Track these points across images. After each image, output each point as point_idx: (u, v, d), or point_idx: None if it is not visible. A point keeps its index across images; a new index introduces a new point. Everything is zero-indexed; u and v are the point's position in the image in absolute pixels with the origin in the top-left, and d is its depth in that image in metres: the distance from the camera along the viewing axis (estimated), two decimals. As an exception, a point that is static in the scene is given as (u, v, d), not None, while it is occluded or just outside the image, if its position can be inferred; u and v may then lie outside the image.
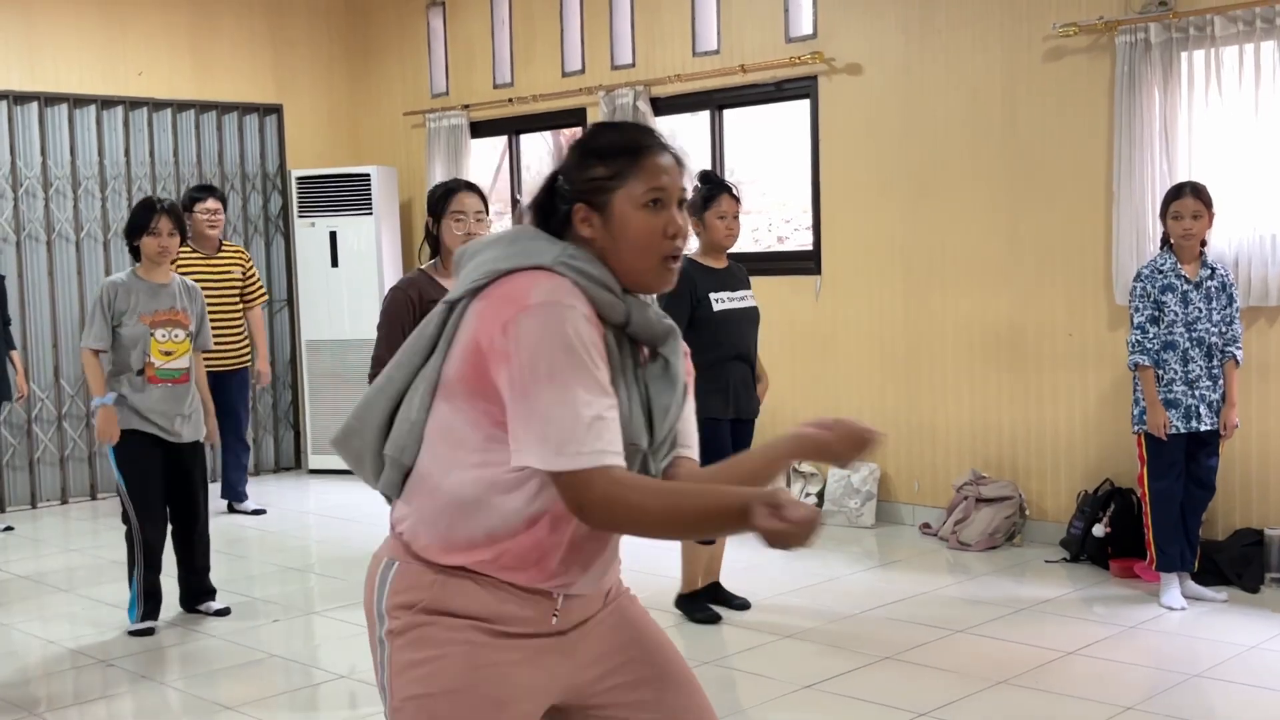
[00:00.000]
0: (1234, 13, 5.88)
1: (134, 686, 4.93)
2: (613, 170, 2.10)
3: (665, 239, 2.11)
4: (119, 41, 8.81)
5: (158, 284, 5.50)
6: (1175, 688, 4.56)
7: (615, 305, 2.09)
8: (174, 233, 5.50)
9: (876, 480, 7.28)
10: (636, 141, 2.14)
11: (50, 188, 8.54)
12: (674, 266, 2.14)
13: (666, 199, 2.11)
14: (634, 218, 2.09)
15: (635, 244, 2.10)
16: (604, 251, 2.12)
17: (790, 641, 5.22)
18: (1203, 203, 5.45)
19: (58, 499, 8.60)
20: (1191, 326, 5.42)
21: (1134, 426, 5.57)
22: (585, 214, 2.12)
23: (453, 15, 9.32)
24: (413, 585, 2.11)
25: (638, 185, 2.10)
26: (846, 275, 7.42)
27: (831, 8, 7.36)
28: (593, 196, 2.11)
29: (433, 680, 2.09)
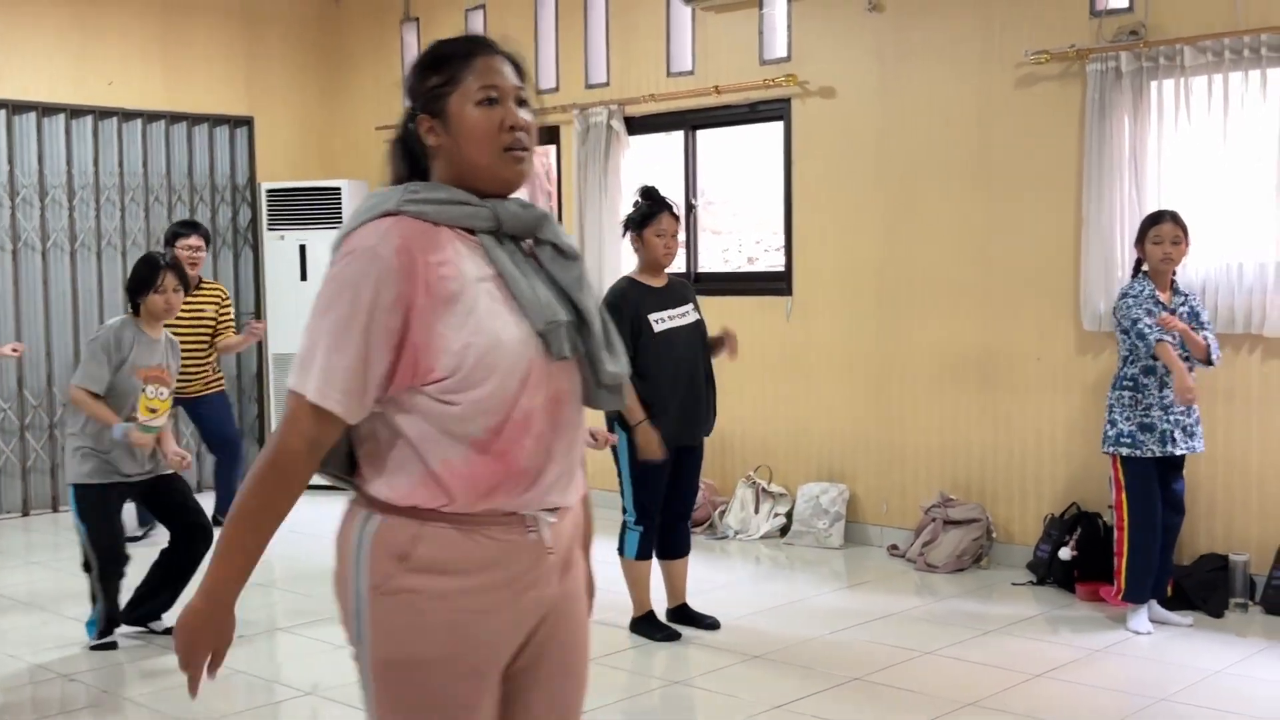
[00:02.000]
0: (1203, 43, 5.94)
1: (95, 702, 4.88)
2: (446, 76, 2.18)
3: (503, 131, 2.16)
4: (89, 50, 8.76)
5: (153, 339, 5.46)
6: (1142, 711, 4.58)
7: (477, 213, 2.15)
8: (179, 288, 5.48)
9: (845, 501, 7.29)
10: (466, 47, 2.22)
11: (17, 196, 8.47)
12: (519, 156, 2.17)
13: (501, 95, 2.17)
14: (470, 115, 2.15)
15: (474, 139, 2.15)
16: (450, 155, 2.18)
17: (757, 662, 5.22)
18: (1181, 229, 5.49)
19: (19, 511, 8.51)
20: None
21: (1106, 447, 5.57)
22: (429, 123, 2.19)
23: (426, 31, 9.32)
24: (393, 540, 2.11)
25: (471, 85, 2.16)
26: (817, 297, 7.45)
27: (806, 31, 7.40)
28: (432, 104, 2.18)
29: (412, 645, 2.10)
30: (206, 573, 2.14)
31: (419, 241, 2.07)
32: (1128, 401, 5.47)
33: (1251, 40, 5.81)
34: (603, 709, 4.68)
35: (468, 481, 2.08)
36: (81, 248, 8.69)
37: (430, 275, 2.06)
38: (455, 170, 2.18)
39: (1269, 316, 5.84)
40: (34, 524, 8.35)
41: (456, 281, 2.07)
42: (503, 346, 2.08)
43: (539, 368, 2.12)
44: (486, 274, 2.12)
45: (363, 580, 2.12)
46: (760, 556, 7.15)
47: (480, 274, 2.11)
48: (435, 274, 2.06)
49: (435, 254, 2.08)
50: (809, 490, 7.39)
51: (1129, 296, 5.50)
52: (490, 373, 2.07)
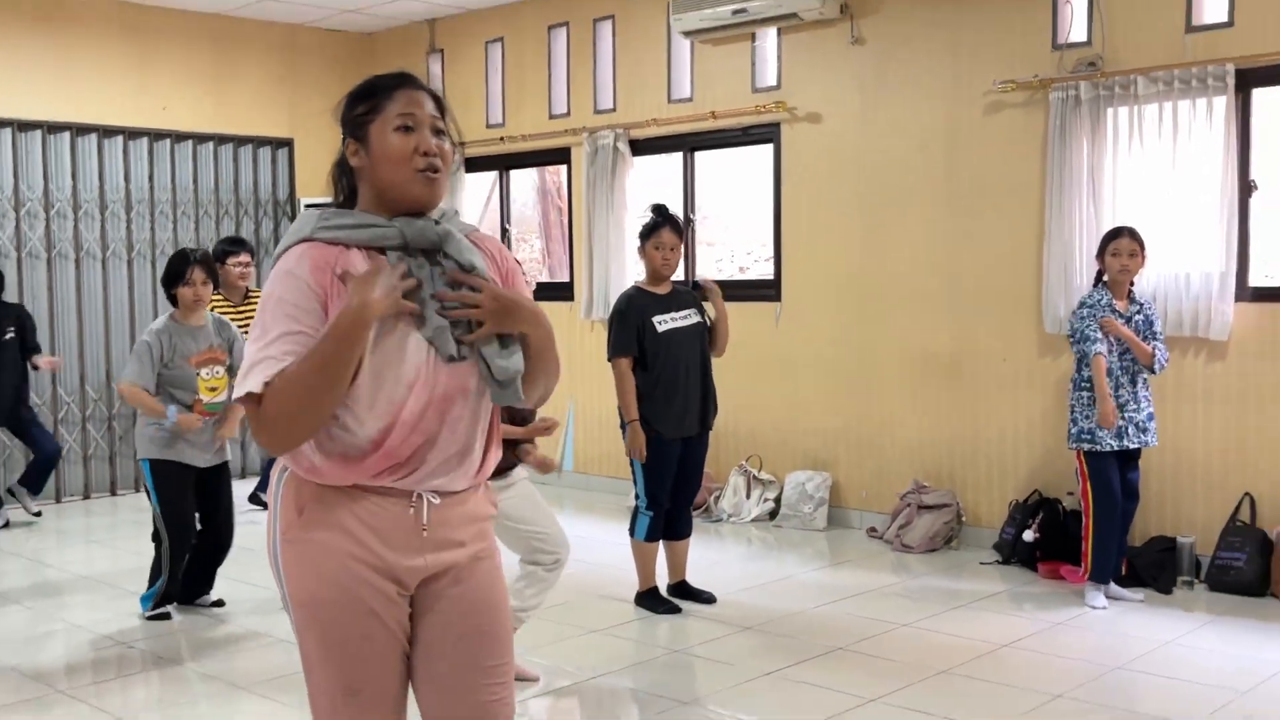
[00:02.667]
0: (1155, 73, 5.92)
1: (149, 667, 4.85)
2: (370, 105, 2.24)
3: (416, 155, 2.20)
4: (146, 78, 8.74)
5: (195, 327, 5.42)
6: (1099, 678, 4.56)
7: (384, 234, 2.20)
8: (207, 281, 5.43)
9: (828, 488, 7.26)
10: (391, 82, 2.27)
11: (79, 210, 8.45)
12: (432, 178, 2.21)
13: (417, 124, 2.21)
14: (388, 140, 2.20)
15: (389, 161, 2.19)
16: (370, 176, 2.23)
17: (749, 633, 5.19)
18: (1138, 244, 5.47)
19: (80, 494, 8.49)
20: (1122, 355, 5.43)
21: (1071, 443, 5.53)
22: (354, 147, 2.25)
23: (450, 62, 9.29)
24: (298, 495, 2.23)
25: (391, 113, 2.21)
26: (804, 303, 7.42)
27: (794, 62, 7.38)
28: (357, 130, 2.24)
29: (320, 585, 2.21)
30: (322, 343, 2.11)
31: (328, 263, 2.16)
32: (1086, 401, 5.44)
33: (1199, 71, 5.79)
34: (611, 674, 4.66)
35: (353, 465, 2.18)
36: (138, 256, 8.67)
37: (336, 292, 2.15)
38: (374, 189, 2.24)
39: (1214, 321, 5.82)
40: (94, 507, 8.32)
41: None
42: (392, 356, 2.16)
43: (428, 371, 2.19)
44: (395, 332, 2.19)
45: (276, 529, 2.26)
46: (751, 538, 7.13)
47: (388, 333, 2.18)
48: (339, 291, 2.15)
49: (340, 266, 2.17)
50: (796, 478, 7.37)
51: (1084, 307, 5.48)
52: (380, 384, 2.16)
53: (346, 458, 2.18)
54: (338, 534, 2.20)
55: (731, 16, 7.22)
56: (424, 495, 2.23)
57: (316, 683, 2.28)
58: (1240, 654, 4.82)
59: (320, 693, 2.28)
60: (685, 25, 7.45)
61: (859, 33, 7.07)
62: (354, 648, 2.23)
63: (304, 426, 2.11)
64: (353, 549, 2.20)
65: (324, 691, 2.27)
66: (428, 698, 2.34)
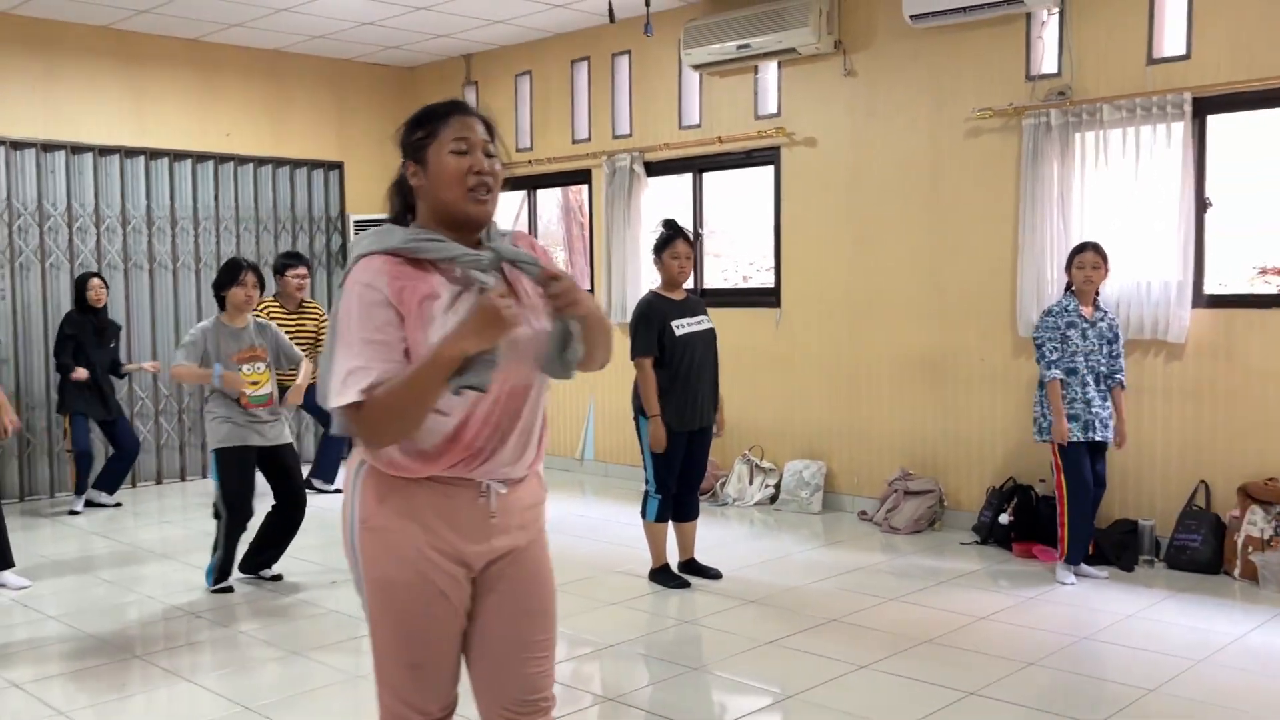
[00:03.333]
0: (1119, 101, 5.89)
1: (214, 635, 4.88)
2: (427, 130, 2.20)
3: (470, 174, 2.16)
4: (212, 108, 8.78)
5: (238, 328, 5.45)
6: (1068, 647, 4.54)
7: (443, 246, 2.15)
8: (256, 285, 5.46)
9: (823, 475, 7.25)
10: (445, 108, 2.22)
11: (153, 225, 8.49)
12: (484, 197, 2.18)
13: (470, 146, 2.17)
14: (444, 162, 2.16)
15: (444, 180, 2.16)
16: (428, 195, 2.19)
17: (752, 606, 5.19)
18: (1101, 257, 5.45)
19: (154, 480, 8.54)
20: (1088, 357, 5.41)
21: (1041, 437, 5.50)
22: (413, 168, 2.21)
23: (484, 92, 9.31)
24: (375, 485, 2.20)
25: (447, 137, 2.17)
26: (801, 309, 7.41)
27: (793, 92, 7.37)
28: (416, 153, 2.20)
29: (392, 567, 2.19)
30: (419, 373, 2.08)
31: (406, 277, 2.13)
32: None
33: (1159, 99, 5.76)
34: (626, 643, 4.66)
35: (431, 460, 2.17)
36: (204, 267, 8.70)
37: (412, 302, 2.11)
38: (432, 207, 2.20)
39: (1171, 326, 5.79)
40: (166, 491, 8.36)
41: (435, 308, 2.12)
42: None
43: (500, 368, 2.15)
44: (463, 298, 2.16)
45: (354, 517, 2.23)
46: (754, 520, 7.12)
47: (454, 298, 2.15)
48: (416, 302, 2.12)
49: (419, 286, 2.13)
50: (794, 466, 7.35)
51: (1049, 316, 5.45)
52: None
53: (424, 453, 2.16)
54: (414, 523, 2.18)
55: (736, 51, 7.22)
56: (492, 485, 2.22)
57: (383, 656, 2.26)
58: (1196, 626, 4.79)
59: (386, 664, 2.26)
60: (694, 59, 7.46)
61: (851, 66, 7.05)
62: (422, 625, 2.22)
63: (403, 433, 2.10)
64: (427, 536, 2.18)
65: (390, 664, 2.26)
66: (481, 669, 2.33)
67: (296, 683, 4.26)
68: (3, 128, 7.82)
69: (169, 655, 4.60)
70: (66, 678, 4.32)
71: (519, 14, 8.01)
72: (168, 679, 4.31)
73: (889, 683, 4.16)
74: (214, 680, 4.29)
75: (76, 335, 7.29)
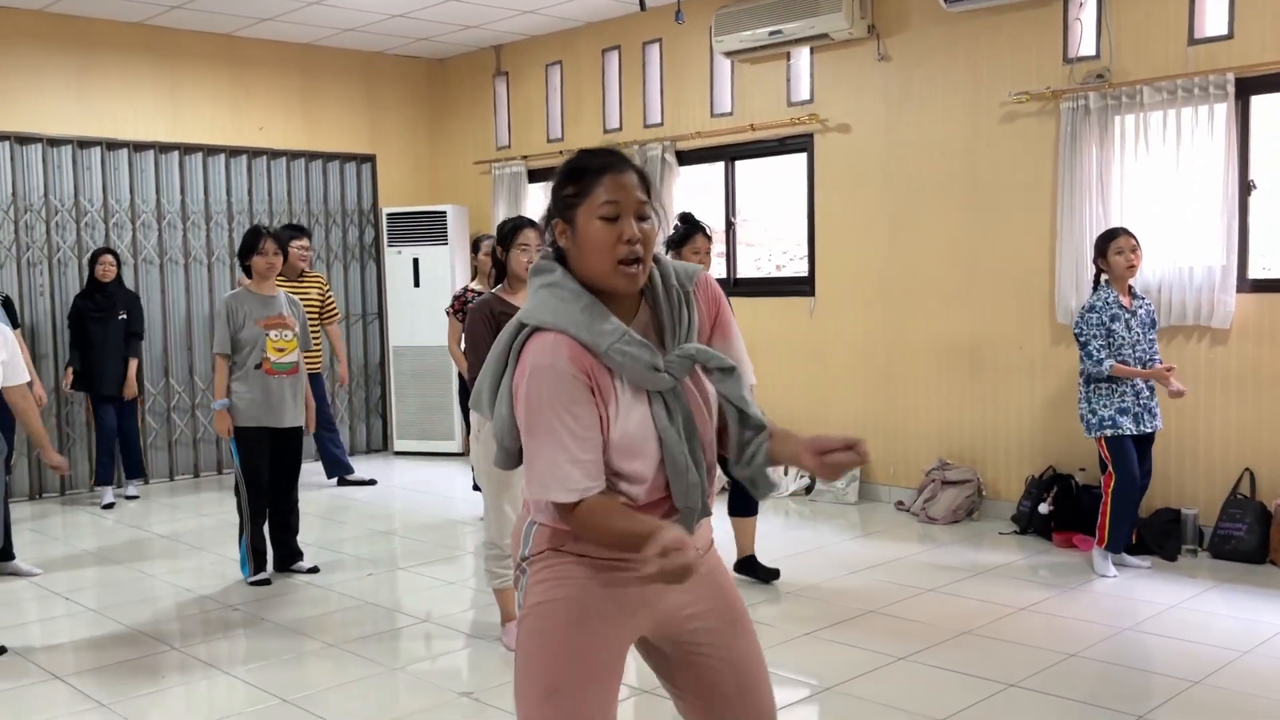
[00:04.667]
0: (1159, 84, 5.80)
1: (250, 626, 4.91)
2: (578, 189, 2.03)
3: (619, 244, 2.00)
4: (244, 102, 8.83)
5: (267, 295, 5.51)
6: (1110, 638, 4.48)
7: (635, 365, 2.01)
8: (278, 252, 5.55)
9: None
10: (596, 163, 2.04)
11: (187, 220, 8.56)
12: (631, 270, 2.02)
13: (621, 211, 2.00)
14: (593, 228, 2.01)
15: (593, 250, 2.01)
16: (576, 259, 2.05)
17: (789, 597, 5.16)
18: (1134, 239, 5.35)
19: (166, 476, 8.61)
20: (1134, 347, 5.30)
21: (1091, 433, 5.35)
22: (561, 227, 2.06)
23: (515, 83, 9.30)
24: (550, 538, 2.09)
25: (596, 200, 2.00)
26: (835, 297, 7.36)
27: (826, 78, 7.31)
28: (565, 212, 2.04)
29: (553, 590, 2.07)
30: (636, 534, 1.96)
31: (583, 359, 2.00)
32: (1105, 392, 5.28)
33: (1200, 81, 5.66)
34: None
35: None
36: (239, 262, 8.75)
37: (597, 382, 2.01)
38: (580, 271, 2.05)
39: (1216, 311, 5.70)
40: (179, 487, 8.40)
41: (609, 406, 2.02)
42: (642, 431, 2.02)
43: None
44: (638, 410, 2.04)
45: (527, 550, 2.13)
46: (789, 510, 7.09)
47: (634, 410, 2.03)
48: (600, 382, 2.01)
49: (596, 375, 2.01)
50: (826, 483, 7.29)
51: (1091, 312, 5.27)
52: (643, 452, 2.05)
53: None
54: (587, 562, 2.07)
55: (768, 38, 7.17)
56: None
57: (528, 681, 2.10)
58: (1241, 617, 4.72)
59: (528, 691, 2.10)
60: (726, 46, 7.41)
61: (885, 51, 6.98)
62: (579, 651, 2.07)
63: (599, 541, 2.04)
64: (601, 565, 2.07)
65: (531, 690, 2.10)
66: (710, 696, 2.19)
67: (333, 675, 4.28)
68: (40, 125, 7.90)
69: (206, 647, 4.63)
70: (106, 669, 4.37)
71: (549, 3, 7.99)
72: (206, 671, 4.35)
73: (928, 674, 4.12)
74: (251, 672, 4.32)
75: (77, 317, 7.41)
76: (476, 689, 4.15)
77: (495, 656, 4.44)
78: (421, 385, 9.28)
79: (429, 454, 9.35)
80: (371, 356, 9.65)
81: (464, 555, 6.17)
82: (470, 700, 4.02)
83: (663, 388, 2.03)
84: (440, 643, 4.66)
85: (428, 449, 9.36)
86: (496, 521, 4.40)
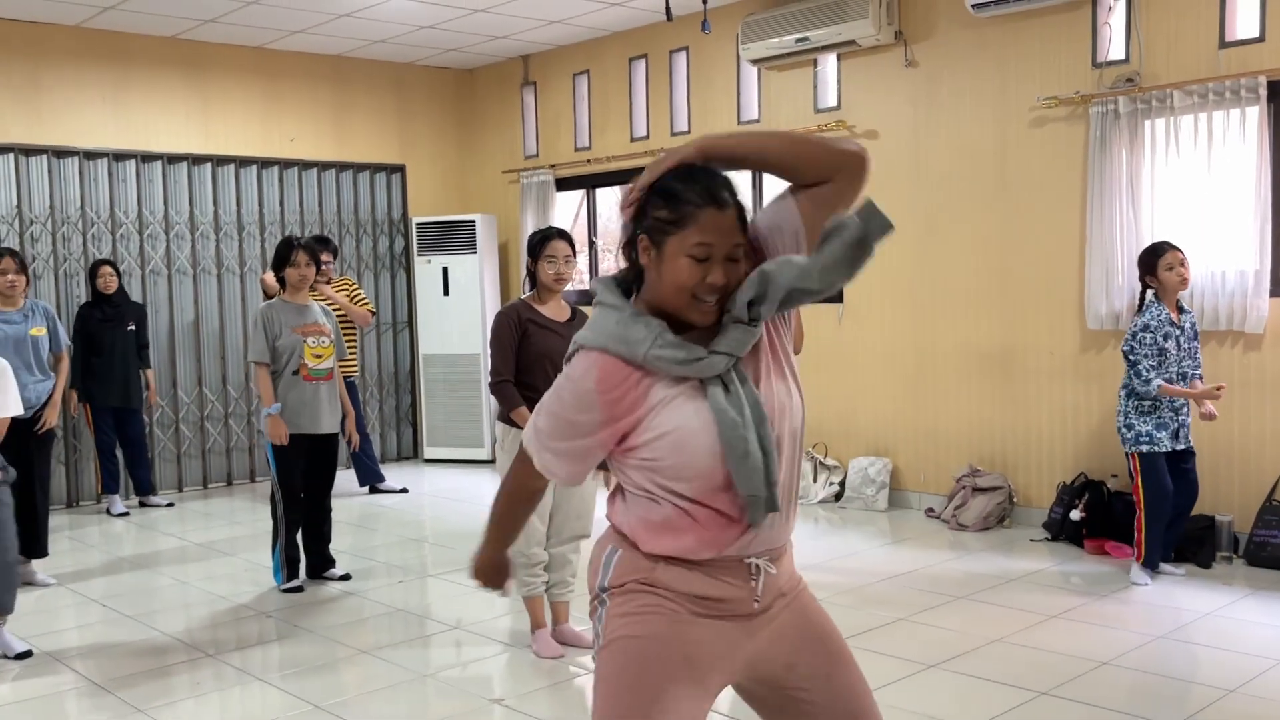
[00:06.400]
0: (1190, 87, 5.75)
1: (284, 633, 4.95)
2: (675, 216, 1.91)
3: (702, 285, 1.91)
4: (276, 114, 8.91)
5: (301, 304, 5.56)
6: (1144, 646, 4.44)
7: (710, 364, 1.94)
8: (310, 264, 5.58)
9: (889, 472, 7.17)
10: (701, 197, 1.91)
11: (220, 231, 8.65)
12: (704, 306, 1.93)
13: (712, 254, 1.91)
14: (680, 263, 1.91)
15: (675, 281, 1.92)
16: (653, 280, 1.96)
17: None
18: (1182, 252, 5.26)
19: (200, 485, 8.69)
20: (1181, 363, 5.24)
21: (1127, 447, 5.30)
22: (646, 245, 1.95)
23: (543, 92, 9.34)
24: (632, 568, 2.02)
25: (690, 236, 1.90)
26: (864, 304, 7.34)
27: (853, 84, 7.30)
28: (654, 234, 1.94)
29: (637, 626, 1.99)
30: (486, 531, 2.27)
31: (613, 377, 1.94)
32: (1146, 408, 5.23)
33: (1231, 84, 5.61)
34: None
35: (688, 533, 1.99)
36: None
37: (627, 407, 1.94)
38: (654, 293, 1.97)
39: (1249, 316, 5.64)
40: (212, 494, 8.46)
41: (648, 411, 1.94)
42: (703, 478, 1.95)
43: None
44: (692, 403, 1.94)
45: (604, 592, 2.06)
46: (818, 518, 7.07)
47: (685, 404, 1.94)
48: (625, 407, 1.94)
49: (628, 391, 1.94)
50: (858, 463, 7.29)
51: (1145, 331, 5.15)
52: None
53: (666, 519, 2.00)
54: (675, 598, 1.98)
55: (795, 45, 7.17)
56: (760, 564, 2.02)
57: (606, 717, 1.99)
58: (1277, 624, 4.66)
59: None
60: (753, 54, 7.41)
61: (912, 56, 6.97)
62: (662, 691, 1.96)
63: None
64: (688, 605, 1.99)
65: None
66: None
67: (366, 682, 4.31)
68: (77, 138, 8.01)
69: (240, 654, 4.67)
70: (143, 675, 4.41)
71: (576, 13, 8.03)
72: (239, 677, 4.38)
73: (959, 682, 4.10)
74: (284, 679, 4.35)
75: (83, 327, 7.46)
76: (507, 696, 4.16)
77: (526, 663, 4.45)
78: (451, 393, 9.33)
79: (459, 461, 9.40)
80: (402, 364, 9.71)
81: (494, 562, 6.18)
82: (501, 707, 4.04)
83: (712, 372, 1.93)
84: (471, 649, 4.68)
85: (458, 456, 9.41)
86: (524, 531, 4.40)
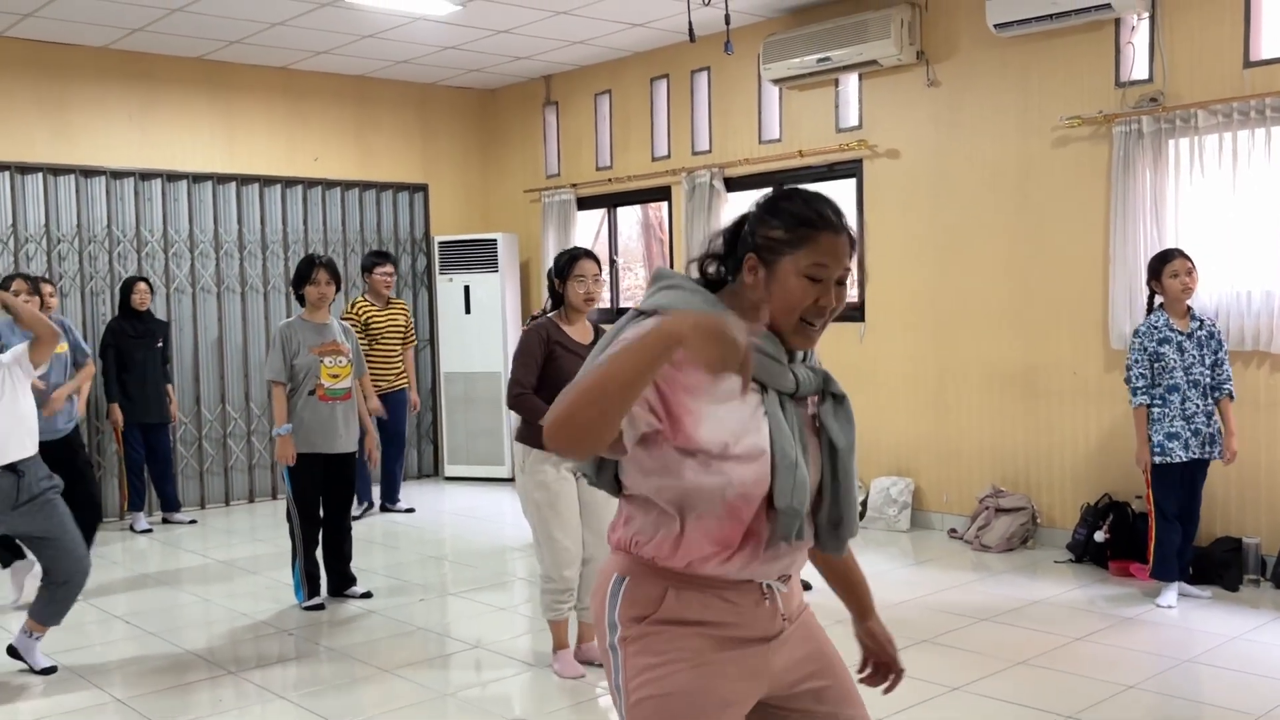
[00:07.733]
0: (1214, 106, 5.73)
1: (304, 651, 4.96)
2: (790, 236, 1.88)
3: (814, 307, 1.89)
4: (300, 133, 8.99)
5: (320, 323, 5.57)
6: (1169, 670, 4.40)
7: (781, 375, 1.91)
8: (330, 281, 5.56)
9: (911, 492, 7.14)
10: (818, 220, 1.89)
11: (244, 250, 8.72)
12: (809, 330, 1.91)
13: (826, 276, 1.88)
14: (793, 283, 1.88)
15: (785, 304, 1.89)
16: (741, 299, 1.92)
17: (840, 626, 5.08)
18: (1190, 261, 5.28)
19: (222, 501, 8.73)
20: (1188, 371, 5.21)
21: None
22: (754, 264, 1.91)
23: (564, 112, 9.39)
24: (643, 599, 1.91)
25: (806, 257, 1.87)
26: (885, 322, 7.33)
27: (875, 103, 7.30)
28: (766, 253, 1.90)
29: (667, 681, 1.88)
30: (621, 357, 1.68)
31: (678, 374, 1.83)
32: (1156, 416, 5.24)
33: (1257, 103, 5.59)
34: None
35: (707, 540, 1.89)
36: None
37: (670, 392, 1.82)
38: (740, 312, 1.89)
39: (1275, 336, 5.60)
40: (235, 511, 8.51)
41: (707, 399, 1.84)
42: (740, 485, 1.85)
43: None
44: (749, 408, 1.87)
45: (615, 630, 1.94)
46: (840, 537, 7.02)
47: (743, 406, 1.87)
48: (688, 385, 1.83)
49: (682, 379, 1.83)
50: (881, 483, 7.26)
51: (1135, 338, 5.27)
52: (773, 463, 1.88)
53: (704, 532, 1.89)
54: (692, 629, 1.90)
55: (816, 65, 7.19)
56: (773, 585, 1.97)
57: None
58: (1306, 649, 4.62)
59: None
60: (774, 74, 7.43)
61: (934, 76, 6.97)
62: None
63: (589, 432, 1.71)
64: (708, 645, 1.91)
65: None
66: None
67: (386, 700, 4.31)
68: (103, 158, 8.10)
69: (261, 671, 4.69)
70: (165, 692, 4.43)
71: (599, 34, 8.08)
72: (260, 694, 4.40)
73: (982, 705, 4.07)
74: (305, 696, 4.36)
75: (115, 342, 7.52)
76: (528, 715, 4.16)
77: (547, 683, 4.45)
78: (472, 411, 9.36)
79: (479, 479, 9.41)
80: (423, 382, 9.74)
81: (514, 581, 6.19)
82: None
83: (784, 384, 1.90)
84: (491, 669, 4.68)
85: (478, 474, 9.42)
86: (551, 553, 4.40)
